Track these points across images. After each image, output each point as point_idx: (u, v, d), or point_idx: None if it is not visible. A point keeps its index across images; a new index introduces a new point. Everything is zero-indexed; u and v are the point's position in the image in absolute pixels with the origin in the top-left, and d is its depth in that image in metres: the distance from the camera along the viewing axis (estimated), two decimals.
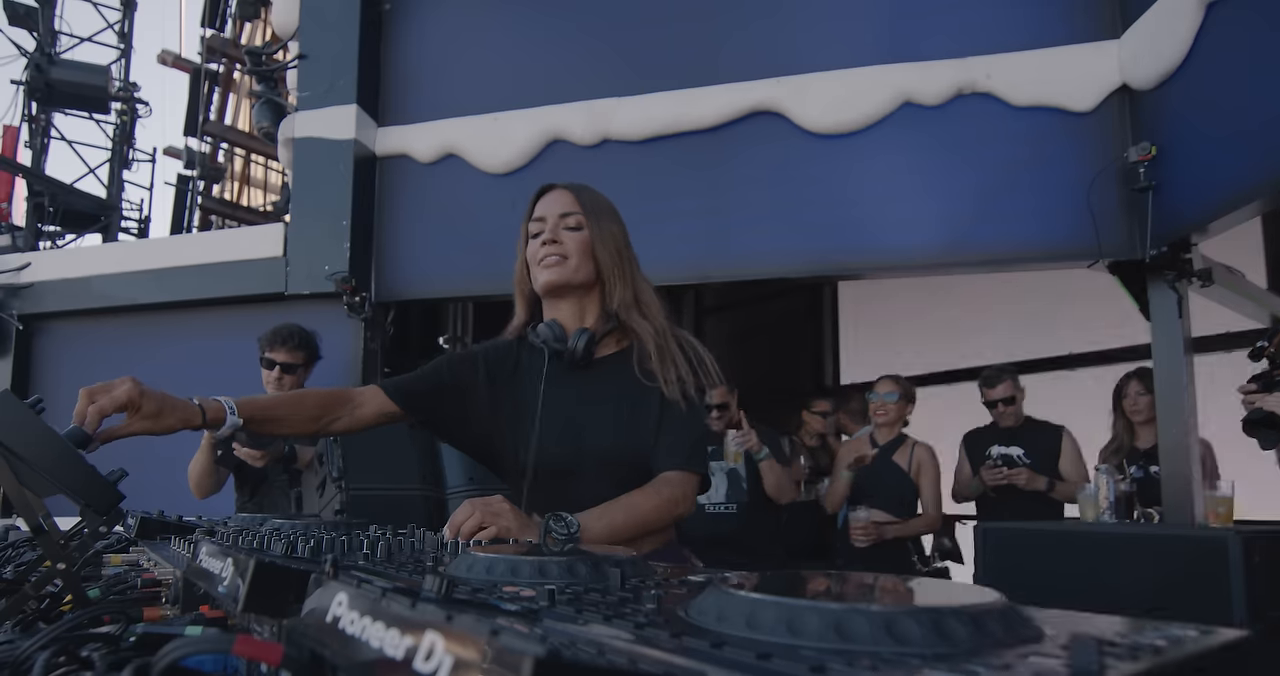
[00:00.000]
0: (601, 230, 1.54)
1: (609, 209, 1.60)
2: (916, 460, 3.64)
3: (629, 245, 1.59)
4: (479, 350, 1.66)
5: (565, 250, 1.53)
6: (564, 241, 1.53)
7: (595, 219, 1.55)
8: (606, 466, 1.48)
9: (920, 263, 3.63)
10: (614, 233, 1.56)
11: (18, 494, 0.97)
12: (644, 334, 1.53)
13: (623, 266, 1.55)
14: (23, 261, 5.01)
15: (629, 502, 1.36)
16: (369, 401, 1.55)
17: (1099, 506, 2.93)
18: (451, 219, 4.25)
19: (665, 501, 1.39)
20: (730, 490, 3.43)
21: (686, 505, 1.45)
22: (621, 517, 1.32)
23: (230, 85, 10.74)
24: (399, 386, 1.58)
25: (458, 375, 1.60)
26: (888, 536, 3.48)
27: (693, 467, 1.47)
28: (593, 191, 1.62)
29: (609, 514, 1.32)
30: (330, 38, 4.38)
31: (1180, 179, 3.09)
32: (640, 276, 1.59)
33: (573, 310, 1.57)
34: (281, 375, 2.93)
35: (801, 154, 3.73)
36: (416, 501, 2.84)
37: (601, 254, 1.53)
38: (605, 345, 1.57)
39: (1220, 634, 0.42)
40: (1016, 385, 3.76)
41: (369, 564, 0.76)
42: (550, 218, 1.56)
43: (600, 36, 4.14)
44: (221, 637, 0.53)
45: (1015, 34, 3.51)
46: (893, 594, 0.50)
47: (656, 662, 0.36)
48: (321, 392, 1.54)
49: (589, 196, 1.59)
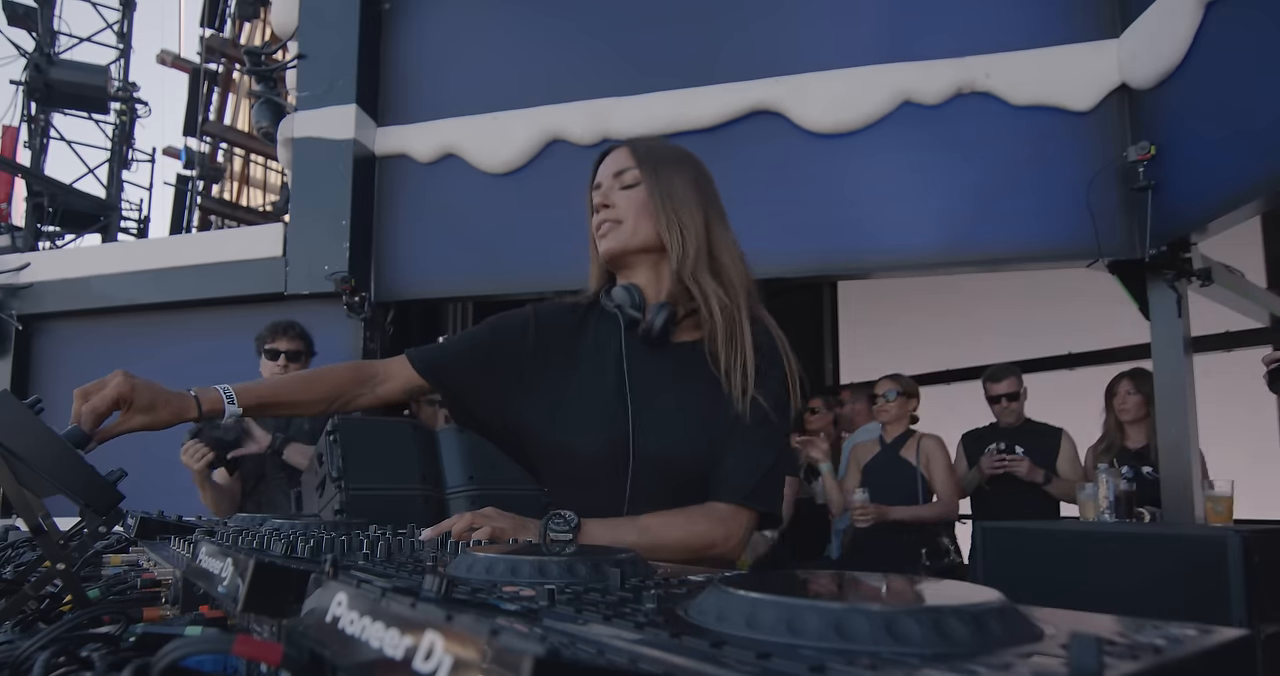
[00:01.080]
0: (660, 181, 1.31)
1: (674, 157, 1.36)
2: (924, 452, 3.64)
3: (704, 195, 1.34)
4: (532, 310, 1.40)
5: (619, 214, 1.32)
6: (616, 204, 1.32)
7: (652, 170, 1.32)
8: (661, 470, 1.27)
9: (920, 263, 3.63)
10: (678, 183, 1.32)
11: (17, 494, 0.97)
12: (710, 302, 1.27)
13: (687, 220, 1.29)
14: (22, 261, 5.01)
15: (645, 524, 1.19)
16: (395, 375, 1.36)
17: (1099, 506, 2.93)
18: (451, 219, 4.25)
19: (692, 535, 1.19)
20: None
21: (728, 545, 1.22)
22: (631, 538, 1.13)
23: (230, 85, 10.74)
24: (428, 358, 1.37)
25: (501, 341, 1.36)
26: (890, 517, 3.46)
27: (752, 503, 1.23)
28: (656, 142, 1.40)
29: (618, 530, 1.16)
30: (330, 37, 4.38)
31: (1179, 178, 3.09)
32: (720, 233, 1.33)
33: (648, 280, 1.34)
34: (287, 364, 2.95)
35: (801, 154, 3.73)
36: (416, 501, 2.83)
37: (661, 208, 1.29)
38: (685, 328, 1.33)
39: (1220, 634, 0.42)
40: (1020, 382, 3.77)
41: (369, 564, 0.76)
42: (605, 180, 1.35)
43: (600, 36, 4.14)
44: (221, 637, 0.53)
45: (1015, 33, 3.52)
46: (892, 593, 0.50)
47: (656, 662, 0.36)
48: (338, 369, 1.36)
49: (646, 146, 1.37)
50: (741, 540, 1.24)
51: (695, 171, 1.36)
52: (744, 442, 1.25)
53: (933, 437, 3.69)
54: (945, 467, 3.61)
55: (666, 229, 1.29)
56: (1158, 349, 3.26)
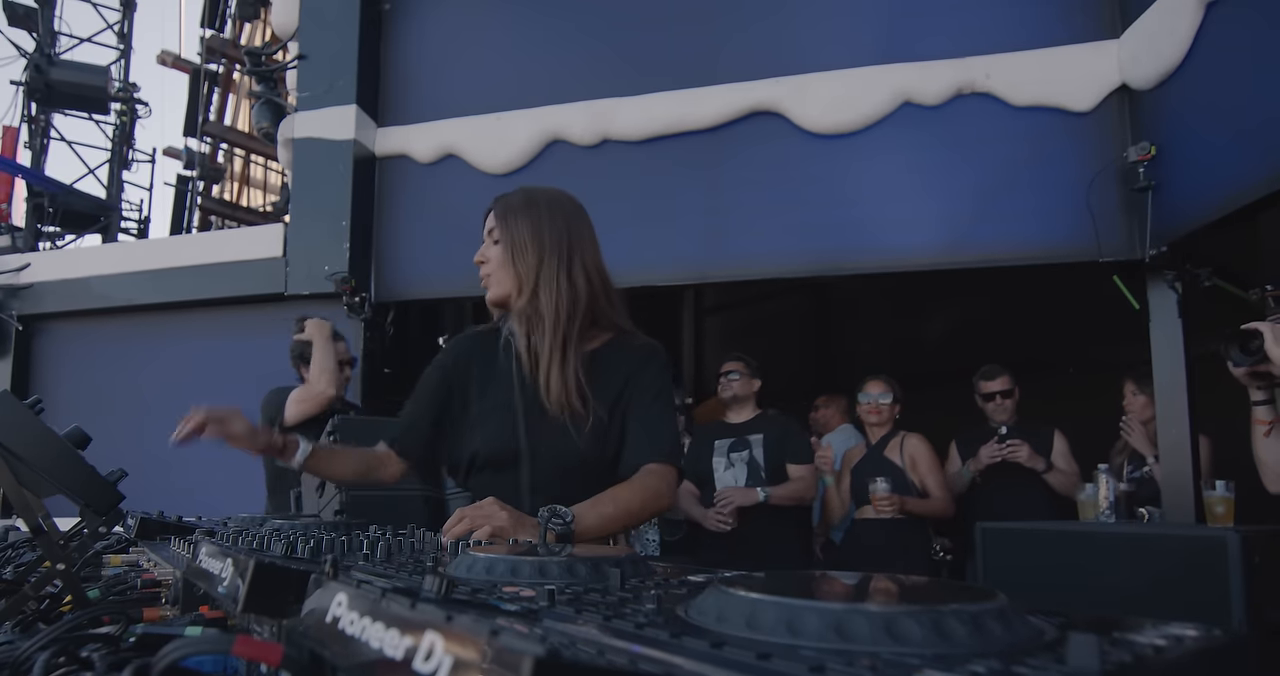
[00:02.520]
0: (510, 233, 1.49)
1: (524, 204, 1.52)
2: (909, 453, 3.63)
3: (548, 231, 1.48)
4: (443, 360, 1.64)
5: (489, 268, 1.53)
6: (488, 259, 1.53)
7: (504, 224, 1.50)
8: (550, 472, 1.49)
9: (920, 263, 3.63)
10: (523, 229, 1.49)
11: (17, 494, 0.97)
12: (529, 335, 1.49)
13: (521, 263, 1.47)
14: (22, 262, 5.01)
15: (615, 495, 1.39)
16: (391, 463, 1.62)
17: (1099, 506, 2.93)
18: (451, 219, 4.25)
19: (650, 493, 1.43)
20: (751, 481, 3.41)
21: (671, 496, 1.49)
22: (610, 509, 1.35)
23: (230, 85, 10.73)
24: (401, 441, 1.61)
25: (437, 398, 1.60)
26: (908, 508, 3.47)
27: (673, 460, 1.49)
28: (516, 193, 1.56)
29: (599, 506, 1.34)
30: (330, 38, 4.38)
31: (1180, 178, 3.09)
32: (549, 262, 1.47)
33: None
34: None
35: (801, 154, 3.73)
36: (416, 501, 2.83)
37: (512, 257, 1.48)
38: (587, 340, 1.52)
39: (1220, 634, 0.42)
40: (1013, 380, 3.77)
41: (369, 564, 0.76)
42: (485, 238, 1.56)
43: (600, 37, 4.14)
44: (221, 638, 0.53)
45: (1015, 34, 3.52)
46: (892, 594, 0.50)
47: (656, 662, 0.36)
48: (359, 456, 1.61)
49: (505, 203, 1.54)
50: (673, 494, 1.51)
51: (538, 218, 1.50)
52: (653, 419, 1.49)
53: (916, 436, 3.68)
54: (933, 466, 3.61)
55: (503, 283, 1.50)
56: (1158, 349, 3.26)
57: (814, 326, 6.91)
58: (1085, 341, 5.01)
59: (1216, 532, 2.32)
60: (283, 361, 3.22)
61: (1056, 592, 2.55)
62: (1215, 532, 2.33)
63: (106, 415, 4.36)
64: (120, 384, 4.71)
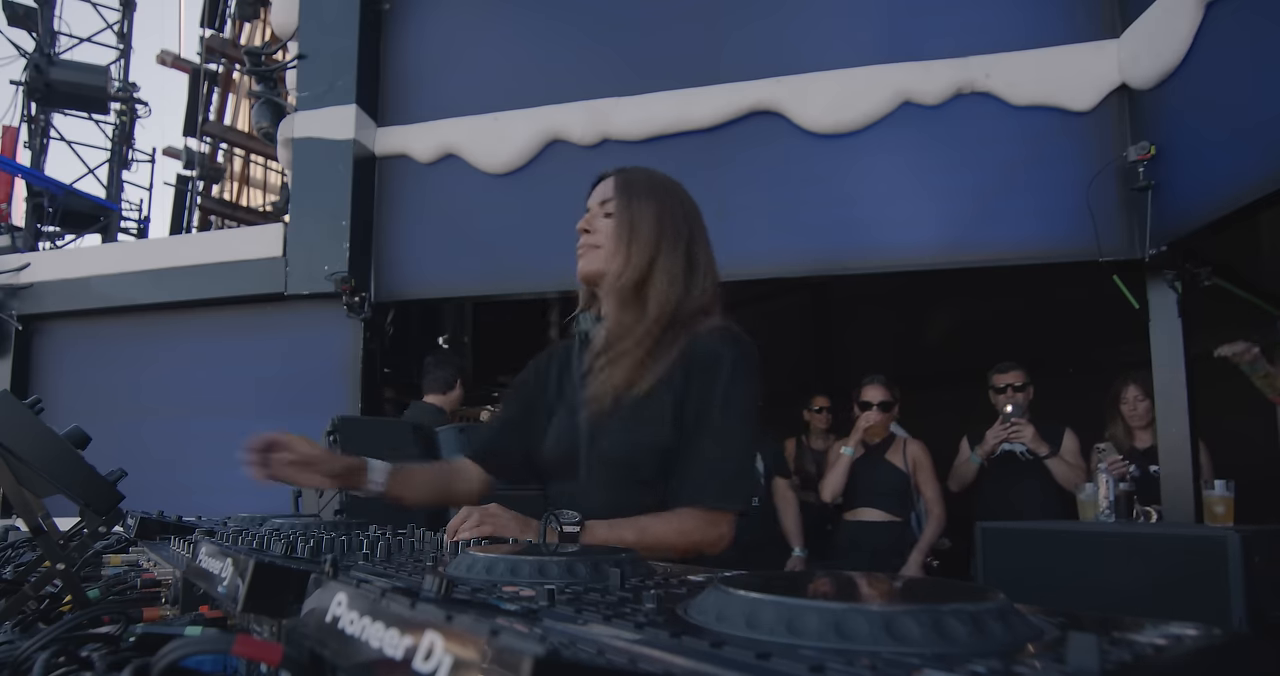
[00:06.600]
0: (629, 214, 1.43)
1: (648, 189, 1.47)
2: (912, 458, 3.66)
3: (670, 220, 1.44)
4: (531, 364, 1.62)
5: (598, 239, 1.45)
6: (597, 230, 1.45)
7: (625, 203, 1.44)
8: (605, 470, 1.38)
9: (920, 262, 3.63)
10: (645, 215, 1.43)
11: (17, 494, 0.97)
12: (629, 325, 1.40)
13: (635, 250, 1.40)
14: (22, 262, 5.01)
15: (643, 525, 1.28)
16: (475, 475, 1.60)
17: (1099, 506, 2.93)
18: (451, 219, 4.25)
19: (683, 536, 1.29)
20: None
21: (719, 546, 1.32)
22: (631, 537, 1.23)
23: (230, 85, 10.73)
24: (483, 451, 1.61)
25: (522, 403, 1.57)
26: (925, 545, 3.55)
27: (727, 506, 1.31)
28: (639, 173, 1.50)
29: (618, 529, 1.24)
30: (329, 38, 4.38)
31: (1179, 178, 3.09)
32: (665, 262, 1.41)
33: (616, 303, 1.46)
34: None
35: (801, 154, 3.73)
36: None
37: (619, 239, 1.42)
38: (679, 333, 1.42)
39: (1220, 634, 0.42)
40: (1027, 377, 3.77)
41: (369, 564, 0.76)
42: (593, 206, 1.49)
43: (600, 36, 4.14)
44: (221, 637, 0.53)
45: (1014, 34, 3.52)
46: (892, 593, 0.50)
47: (656, 662, 0.36)
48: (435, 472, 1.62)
49: (627, 179, 1.48)
50: (722, 539, 1.32)
51: (663, 203, 1.46)
52: (708, 448, 1.32)
53: (917, 443, 3.72)
54: (933, 477, 3.67)
55: (611, 258, 1.43)
56: (1158, 349, 3.26)
57: (814, 326, 6.91)
58: (1085, 341, 5.01)
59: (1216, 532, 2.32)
60: (282, 361, 3.21)
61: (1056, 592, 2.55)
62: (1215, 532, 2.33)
63: (106, 415, 4.37)
64: (120, 384, 4.72)
